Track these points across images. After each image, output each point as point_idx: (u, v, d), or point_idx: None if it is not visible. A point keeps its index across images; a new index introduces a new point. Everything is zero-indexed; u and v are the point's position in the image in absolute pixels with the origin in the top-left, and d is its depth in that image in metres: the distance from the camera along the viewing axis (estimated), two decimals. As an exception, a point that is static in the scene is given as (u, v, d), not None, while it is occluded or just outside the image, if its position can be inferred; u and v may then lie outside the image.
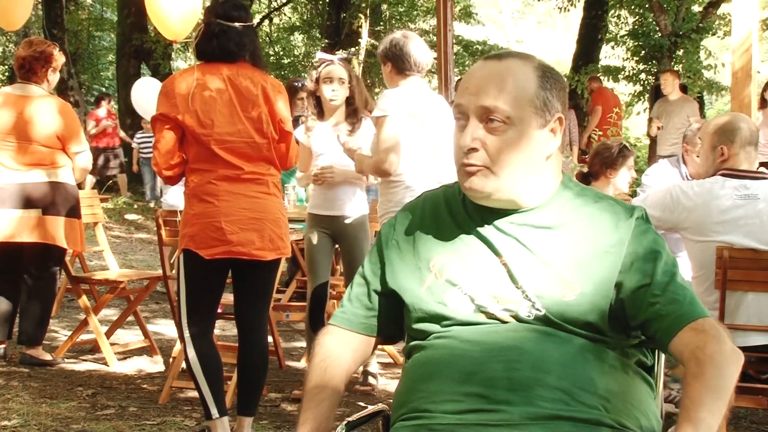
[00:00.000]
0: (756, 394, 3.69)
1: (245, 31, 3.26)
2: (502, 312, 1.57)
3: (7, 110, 4.62)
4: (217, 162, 3.19)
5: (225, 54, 3.23)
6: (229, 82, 3.21)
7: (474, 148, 1.56)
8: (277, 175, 3.37)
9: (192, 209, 3.23)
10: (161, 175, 3.32)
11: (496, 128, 1.55)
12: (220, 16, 3.23)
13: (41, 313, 4.74)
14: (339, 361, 1.69)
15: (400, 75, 3.75)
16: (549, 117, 1.59)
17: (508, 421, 1.46)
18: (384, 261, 1.71)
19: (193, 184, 3.24)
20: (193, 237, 3.20)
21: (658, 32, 14.14)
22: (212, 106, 3.17)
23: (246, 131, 3.21)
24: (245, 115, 3.20)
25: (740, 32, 4.95)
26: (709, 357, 1.43)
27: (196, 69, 3.24)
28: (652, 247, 1.57)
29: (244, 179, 3.22)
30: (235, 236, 3.18)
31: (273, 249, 3.27)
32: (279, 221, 3.31)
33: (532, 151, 1.58)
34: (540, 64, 1.62)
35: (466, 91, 1.59)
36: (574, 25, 21.54)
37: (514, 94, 1.55)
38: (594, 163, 4.09)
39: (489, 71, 1.59)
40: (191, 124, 3.16)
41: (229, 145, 3.19)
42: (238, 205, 3.20)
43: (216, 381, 3.27)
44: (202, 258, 3.19)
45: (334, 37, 18.60)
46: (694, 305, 1.53)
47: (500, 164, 1.56)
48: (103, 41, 21.41)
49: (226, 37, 3.22)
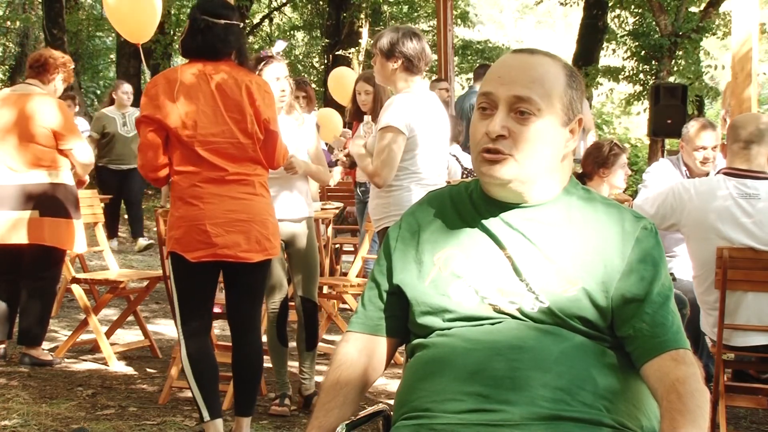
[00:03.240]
0: (756, 394, 3.69)
1: (231, 29, 3.22)
2: (507, 304, 1.57)
3: (6, 110, 4.63)
4: (201, 164, 3.15)
5: (209, 50, 3.19)
6: (212, 81, 3.17)
7: (502, 134, 1.57)
8: (264, 174, 3.32)
9: (177, 212, 3.20)
10: (147, 178, 3.29)
11: (525, 118, 1.57)
12: (205, 12, 3.20)
13: (41, 313, 4.73)
14: (354, 367, 1.68)
15: (411, 73, 3.66)
16: (572, 116, 1.62)
17: (509, 421, 1.46)
18: (391, 261, 1.71)
19: (178, 186, 3.20)
20: (179, 240, 3.18)
21: (658, 32, 14.13)
22: (196, 107, 3.14)
23: (230, 131, 3.17)
24: (229, 115, 3.16)
25: (740, 32, 4.95)
26: (691, 393, 1.45)
27: (180, 69, 3.21)
28: (653, 262, 1.58)
29: (229, 180, 3.18)
30: (220, 239, 3.14)
31: (260, 250, 3.23)
32: (266, 222, 3.26)
33: (554, 147, 1.60)
34: (567, 64, 1.65)
35: (498, 80, 1.59)
36: (574, 25, 21.55)
37: (546, 87, 1.58)
38: (587, 164, 4.09)
39: (522, 63, 1.61)
40: (175, 125, 3.12)
41: (213, 146, 3.15)
42: (224, 207, 3.16)
43: (208, 384, 3.23)
44: (195, 262, 3.16)
45: (334, 37, 18.60)
46: (679, 334, 1.55)
47: (524, 154, 1.57)
48: (103, 41, 21.39)
49: (211, 33, 3.18)
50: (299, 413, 4.01)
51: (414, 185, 3.61)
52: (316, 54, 21.19)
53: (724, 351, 3.49)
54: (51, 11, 14.52)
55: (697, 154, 4.28)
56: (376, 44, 3.72)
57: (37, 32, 18.57)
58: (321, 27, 20.27)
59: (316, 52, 21.10)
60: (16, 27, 19.63)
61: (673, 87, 10.14)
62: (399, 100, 3.61)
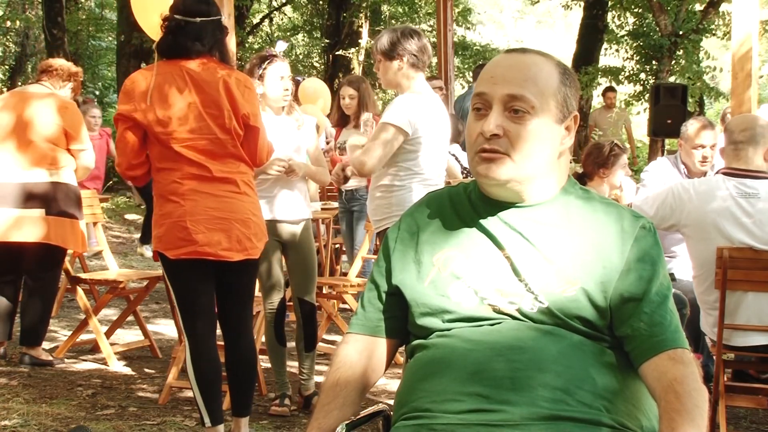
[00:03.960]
0: (756, 394, 3.69)
1: (206, 26, 3.17)
2: (506, 305, 1.57)
3: (9, 109, 4.65)
4: (180, 161, 3.12)
5: (181, 50, 3.15)
6: (189, 78, 3.13)
7: (497, 134, 1.57)
8: (248, 173, 3.27)
9: (160, 210, 3.17)
10: (125, 176, 3.26)
11: (520, 117, 1.57)
12: (179, 11, 3.17)
13: (41, 313, 4.73)
14: (353, 369, 1.68)
15: (417, 69, 3.65)
16: (567, 113, 1.62)
17: (509, 421, 1.46)
18: (390, 262, 1.72)
19: (159, 183, 3.18)
20: (161, 238, 3.16)
21: (658, 32, 14.14)
22: (171, 104, 3.11)
23: (207, 128, 3.13)
24: (206, 111, 3.12)
25: (740, 32, 4.95)
26: (688, 393, 1.45)
27: (156, 66, 3.17)
28: (652, 261, 1.58)
29: (210, 178, 3.14)
30: (200, 236, 3.11)
31: (241, 250, 3.18)
32: (248, 222, 3.21)
33: (550, 145, 1.61)
34: (559, 62, 1.66)
35: (491, 80, 1.60)
36: (574, 25, 21.54)
37: (539, 85, 1.58)
38: (587, 164, 4.10)
39: (515, 62, 1.62)
40: (150, 122, 3.10)
41: (190, 143, 3.12)
42: (205, 205, 3.13)
43: (210, 388, 3.21)
44: (177, 260, 3.13)
45: (334, 37, 18.60)
46: (677, 333, 1.55)
47: (520, 152, 1.57)
48: (103, 41, 21.40)
49: (183, 32, 3.14)
50: (299, 413, 4.01)
51: (416, 185, 3.61)
52: (316, 54, 21.20)
53: (724, 351, 3.48)
54: (51, 11, 14.53)
55: (696, 153, 4.29)
56: (376, 48, 3.70)
57: (37, 32, 18.56)
58: (321, 27, 20.28)
59: (316, 52, 21.11)
60: (16, 27, 19.63)
61: (673, 87, 10.14)
62: (406, 100, 3.60)
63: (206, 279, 3.24)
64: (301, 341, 4.04)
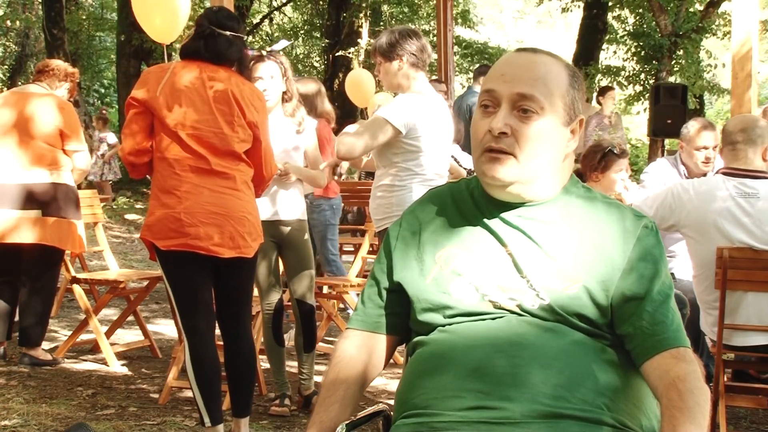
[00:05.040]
0: (756, 394, 3.69)
1: (234, 41, 3.27)
2: (507, 301, 1.57)
3: (7, 109, 4.65)
4: (183, 151, 3.15)
5: (209, 54, 3.23)
6: (205, 76, 3.20)
7: (505, 132, 1.57)
8: (247, 172, 3.28)
9: (156, 200, 3.19)
10: (126, 160, 3.25)
11: (528, 117, 1.57)
12: (212, 22, 3.26)
13: (41, 313, 4.73)
14: (353, 363, 1.68)
15: (417, 68, 3.64)
16: (573, 116, 1.62)
17: (509, 418, 1.46)
18: (391, 259, 1.72)
19: (159, 174, 3.20)
20: (150, 227, 3.15)
21: (659, 32, 14.14)
22: (183, 93, 3.16)
23: (215, 121, 3.17)
24: (216, 106, 3.17)
25: (740, 32, 4.95)
26: (690, 391, 1.45)
27: (175, 63, 3.26)
28: (654, 260, 1.58)
29: (209, 171, 3.16)
30: (193, 229, 3.10)
31: (233, 247, 3.17)
32: (243, 220, 3.21)
33: (556, 146, 1.60)
34: (569, 64, 1.66)
35: (501, 78, 1.59)
36: (574, 25, 21.54)
37: (549, 86, 1.58)
38: (583, 165, 4.10)
39: (525, 61, 1.62)
40: (160, 107, 3.14)
41: (196, 133, 3.15)
42: (201, 199, 3.13)
43: (209, 388, 3.20)
44: (169, 251, 3.13)
45: (334, 37, 18.61)
46: (679, 332, 1.55)
47: (526, 153, 1.57)
48: (103, 41, 21.42)
49: (214, 40, 3.23)
50: (299, 413, 4.01)
51: (417, 185, 3.61)
52: (316, 54, 21.20)
53: (724, 351, 3.48)
54: (51, 11, 14.55)
55: (698, 154, 4.28)
56: (376, 50, 3.71)
57: (37, 32, 18.59)
58: (321, 27, 20.28)
59: (316, 52, 21.12)
60: (16, 27, 19.64)
61: (673, 87, 10.16)
62: (406, 99, 3.60)
63: (202, 273, 3.22)
64: (300, 342, 4.04)
